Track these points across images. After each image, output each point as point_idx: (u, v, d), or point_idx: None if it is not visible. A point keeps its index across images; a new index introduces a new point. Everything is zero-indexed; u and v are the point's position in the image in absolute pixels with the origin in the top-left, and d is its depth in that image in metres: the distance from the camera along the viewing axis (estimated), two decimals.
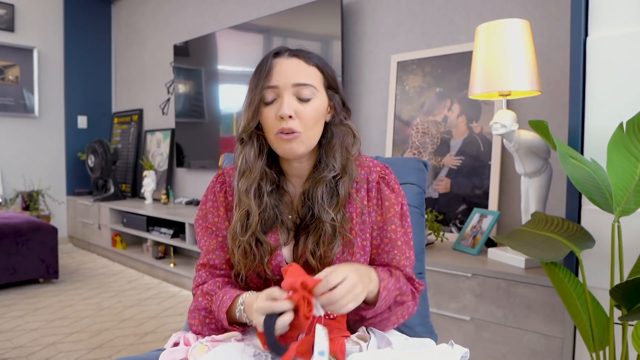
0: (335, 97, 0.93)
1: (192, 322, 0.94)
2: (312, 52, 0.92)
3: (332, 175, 0.91)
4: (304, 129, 0.88)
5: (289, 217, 0.94)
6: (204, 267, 0.98)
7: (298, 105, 0.87)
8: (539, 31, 2.05)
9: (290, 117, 0.86)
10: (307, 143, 0.89)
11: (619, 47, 1.43)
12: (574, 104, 1.52)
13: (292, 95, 0.88)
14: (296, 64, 0.89)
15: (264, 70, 0.89)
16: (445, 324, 1.82)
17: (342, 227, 0.90)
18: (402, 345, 0.89)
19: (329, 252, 0.89)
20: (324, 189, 0.90)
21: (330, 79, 0.93)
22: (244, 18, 3.52)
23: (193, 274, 3.45)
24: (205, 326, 0.93)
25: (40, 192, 4.54)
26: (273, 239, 0.92)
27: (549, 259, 1.35)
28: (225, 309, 0.87)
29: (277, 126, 0.87)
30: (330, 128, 0.93)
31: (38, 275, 3.32)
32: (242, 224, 0.91)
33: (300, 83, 0.87)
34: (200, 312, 0.93)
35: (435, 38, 2.48)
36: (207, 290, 0.94)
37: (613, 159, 1.27)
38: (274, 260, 0.91)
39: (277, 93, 0.88)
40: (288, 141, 0.87)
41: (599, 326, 1.35)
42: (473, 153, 2.28)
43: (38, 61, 4.62)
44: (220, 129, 3.73)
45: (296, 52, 0.91)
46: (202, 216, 1.00)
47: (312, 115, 0.88)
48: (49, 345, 2.31)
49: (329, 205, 0.90)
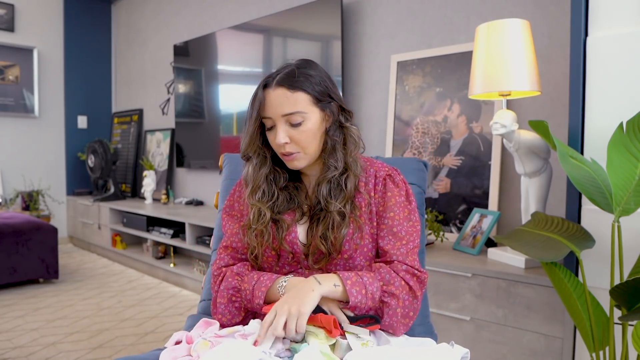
0: (329, 107, 1.00)
1: (220, 300, 1.00)
2: (296, 75, 0.97)
3: (336, 174, 1.00)
4: (302, 149, 0.98)
5: (305, 201, 1.04)
6: (226, 249, 1.06)
7: (291, 130, 0.97)
8: (539, 31, 2.06)
9: (286, 143, 0.97)
10: (308, 158, 1.00)
11: (619, 47, 1.43)
12: (574, 104, 1.52)
13: (285, 123, 0.97)
14: (281, 95, 0.96)
15: (256, 102, 0.99)
16: (445, 324, 1.82)
17: (352, 213, 0.99)
18: (402, 344, 0.90)
19: (338, 235, 0.97)
20: (330, 186, 1.00)
21: (319, 94, 0.98)
22: (244, 18, 3.52)
23: (193, 274, 3.46)
24: (231, 304, 0.99)
25: (40, 192, 4.54)
26: (289, 217, 1.01)
27: (549, 259, 1.35)
28: (265, 288, 0.95)
29: (279, 149, 1.00)
30: (329, 134, 1.01)
31: (38, 275, 3.32)
32: (256, 216, 1.00)
33: (287, 113, 0.96)
34: (229, 290, 0.99)
35: (435, 38, 2.48)
36: (238, 272, 1.01)
37: (613, 159, 1.28)
38: (289, 236, 1.00)
39: (272, 123, 0.98)
40: (291, 160, 1.00)
41: (599, 326, 1.36)
42: (473, 153, 2.29)
43: (38, 61, 4.63)
44: (220, 129, 3.73)
45: (281, 81, 0.97)
46: (230, 205, 1.11)
47: (305, 136, 0.97)
48: (49, 345, 2.32)
49: (335, 199, 0.99)
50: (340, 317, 0.90)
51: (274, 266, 1.01)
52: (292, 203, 1.03)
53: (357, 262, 0.98)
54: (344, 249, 0.97)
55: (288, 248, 0.99)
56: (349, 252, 0.97)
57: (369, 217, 1.01)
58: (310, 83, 0.97)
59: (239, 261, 1.04)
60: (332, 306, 0.91)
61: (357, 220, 0.98)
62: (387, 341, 0.89)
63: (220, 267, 1.04)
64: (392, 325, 0.92)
